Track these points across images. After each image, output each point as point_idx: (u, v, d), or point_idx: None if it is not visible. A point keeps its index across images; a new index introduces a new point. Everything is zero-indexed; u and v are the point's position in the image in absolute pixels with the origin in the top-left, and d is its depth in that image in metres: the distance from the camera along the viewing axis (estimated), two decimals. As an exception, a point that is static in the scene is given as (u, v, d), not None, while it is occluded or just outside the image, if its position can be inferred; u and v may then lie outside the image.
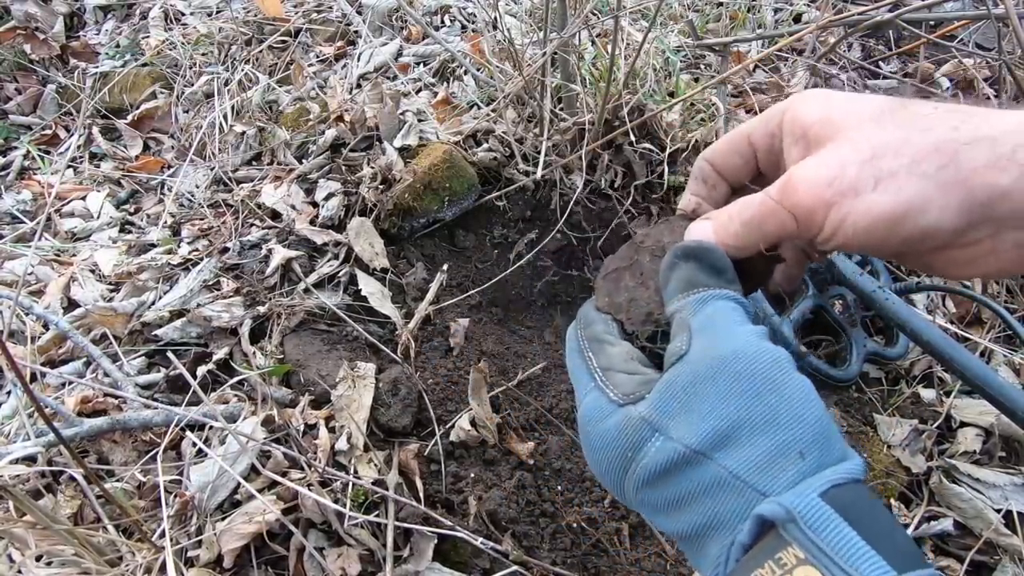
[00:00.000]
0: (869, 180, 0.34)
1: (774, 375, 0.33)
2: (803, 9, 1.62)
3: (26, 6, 1.83)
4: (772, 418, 0.32)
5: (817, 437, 0.32)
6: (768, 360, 0.34)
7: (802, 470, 0.31)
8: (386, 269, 1.10)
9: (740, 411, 0.33)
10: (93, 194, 1.45)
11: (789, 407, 0.32)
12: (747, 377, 0.33)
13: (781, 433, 0.32)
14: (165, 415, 0.89)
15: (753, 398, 0.33)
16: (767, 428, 0.32)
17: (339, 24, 1.70)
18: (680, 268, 0.40)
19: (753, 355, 0.34)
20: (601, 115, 1.11)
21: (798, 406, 0.32)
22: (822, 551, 0.28)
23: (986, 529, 0.85)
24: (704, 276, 0.39)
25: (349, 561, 0.77)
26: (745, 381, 0.33)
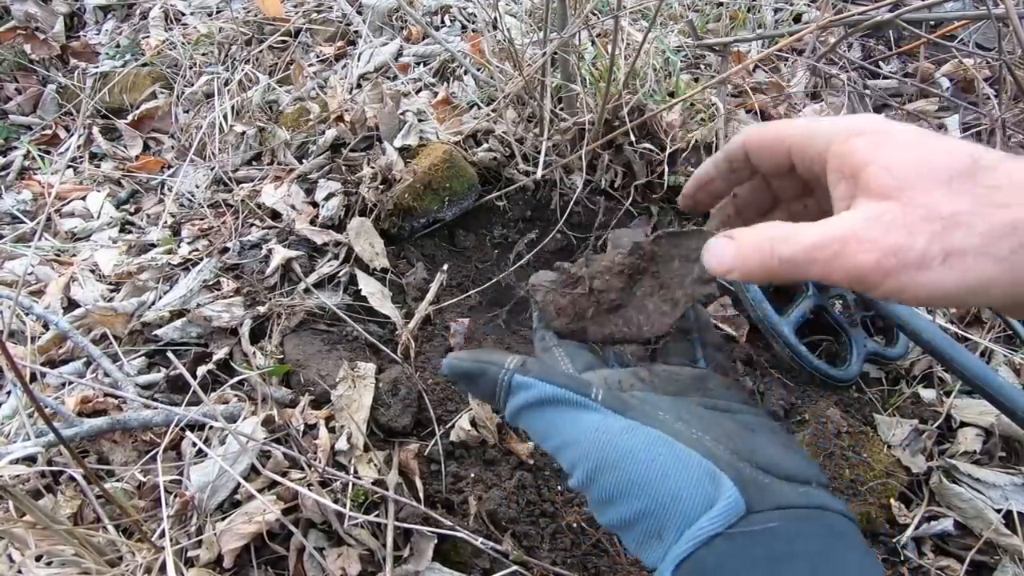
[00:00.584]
0: (938, 255, 0.32)
1: (625, 448, 0.35)
2: (803, 9, 1.62)
3: (26, 6, 1.83)
4: (640, 511, 0.34)
5: (664, 509, 0.33)
6: (612, 437, 0.36)
7: (661, 552, 0.33)
8: (386, 269, 1.10)
9: (622, 502, 0.35)
10: (93, 194, 1.45)
11: (641, 490, 0.34)
12: (606, 458, 0.36)
13: (645, 523, 0.34)
14: (165, 415, 0.89)
15: (624, 489, 0.35)
16: (633, 521, 0.34)
17: (339, 24, 1.70)
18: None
19: (596, 435, 0.36)
20: (601, 115, 1.11)
21: (645, 486, 0.34)
22: None
23: (986, 529, 0.85)
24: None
25: (349, 561, 0.77)
26: (606, 462, 0.36)
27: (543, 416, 0.38)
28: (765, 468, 0.36)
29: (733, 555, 0.31)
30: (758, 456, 0.37)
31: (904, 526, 0.87)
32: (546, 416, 0.38)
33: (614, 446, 0.35)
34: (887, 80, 1.49)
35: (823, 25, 1.15)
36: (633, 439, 0.36)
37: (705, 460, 0.34)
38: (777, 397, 0.97)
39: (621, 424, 0.36)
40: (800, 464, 0.38)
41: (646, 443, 0.35)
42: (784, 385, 1.00)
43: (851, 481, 0.88)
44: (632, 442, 0.35)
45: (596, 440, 0.36)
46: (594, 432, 0.36)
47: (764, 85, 1.43)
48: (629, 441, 0.35)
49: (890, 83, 1.48)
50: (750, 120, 1.33)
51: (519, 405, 0.39)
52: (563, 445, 0.38)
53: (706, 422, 0.39)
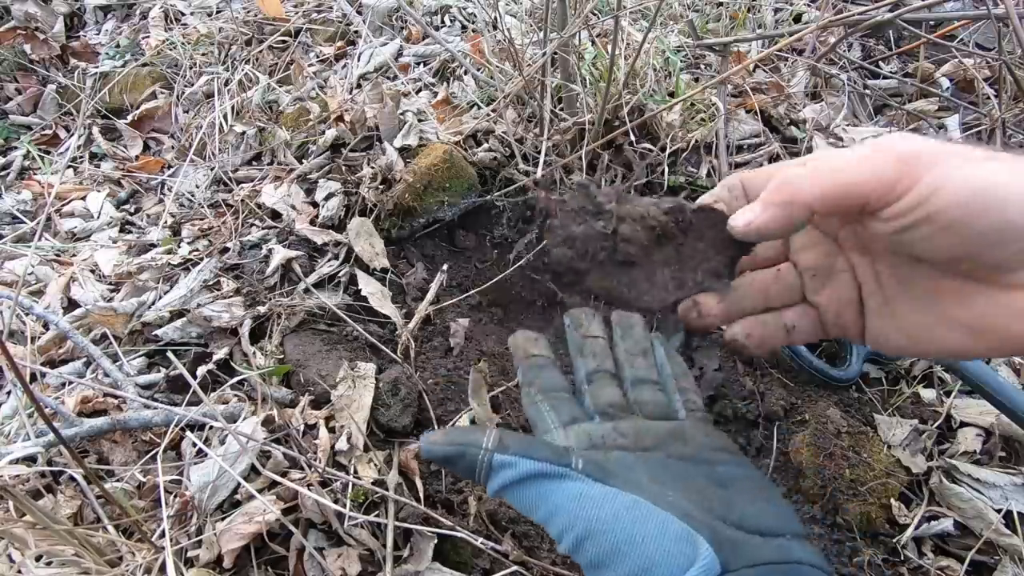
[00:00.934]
0: (972, 156, 0.33)
1: (605, 517, 0.37)
2: (803, 9, 1.62)
3: (26, 6, 1.83)
4: (621, 572, 0.35)
5: (646, 573, 0.35)
6: (595, 507, 0.37)
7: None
8: (386, 269, 1.10)
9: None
10: (93, 194, 1.45)
11: (625, 556, 0.35)
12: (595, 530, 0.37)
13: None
14: (165, 415, 0.89)
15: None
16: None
17: (339, 24, 1.70)
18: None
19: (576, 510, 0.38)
20: (601, 115, 1.11)
21: (628, 552, 0.35)
22: None
23: (986, 529, 0.85)
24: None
25: (349, 561, 0.77)
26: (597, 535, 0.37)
27: (527, 491, 0.39)
28: (739, 524, 0.38)
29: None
30: (733, 512, 0.39)
31: (904, 526, 0.87)
32: (530, 491, 0.39)
33: (596, 514, 0.37)
34: (887, 80, 1.49)
35: (823, 25, 1.15)
36: (613, 506, 0.37)
37: (681, 523, 0.36)
38: (777, 397, 0.97)
39: (602, 492, 0.38)
40: (776, 516, 0.40)
41: (627, 508, 0.37)
42: (784, 385, 1.00)
43: (851, 481, 0.88)
44: (613, 508, 0.37)
45: (579, 508, 0.38)
46: (577, 501, 0.38)
47: (764, 85, 1.43)
48: (610, 508, 0.37)
49: (890, 83, 1.48)
50: (750, 120, 1.33)
51: (502, 484, 0.40)
52: (549, 516, 0.39)
53: (682, 482, 0.41)
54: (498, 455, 0.40)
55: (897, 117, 1.40)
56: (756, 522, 0.39)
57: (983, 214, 0.32)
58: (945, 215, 0.32)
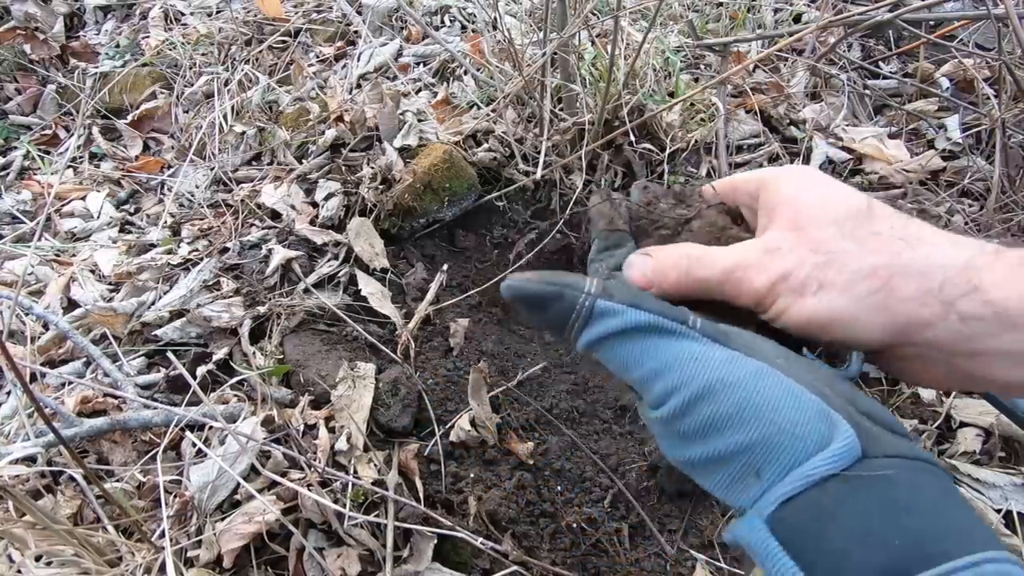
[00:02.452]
0: (813, 284, 0.36)
1: (745, 390, 0.33)
2: (803, 9, 1.62)
3: (26, 6, 1.83)
4: (742, 444, 0.32)
5: (770, 444, 0.31)
6: (741, 379, 0.34)
7: (761, 487, 0.31)
8: (386, 269, 1.10)
9: (718, 437, 0.33)
10: (93, 194, 1.45)
11: (759, 421, 0.32)
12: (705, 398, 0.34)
13: (745, 456, 0.32)
14: (165, 415, 0.89)
15: (722, 420, 0.33)
16: (729, 456, 0.32)
17: (339, 24, 1.70)
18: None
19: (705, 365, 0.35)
20: (601, 115, 1.11)
21: (752, 418, 0.32)
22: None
23: (986, 529, 0.85)
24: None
25: (349, 561, 0.77)
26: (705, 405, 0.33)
27: (631, 345, 0.35)
28: (871, 416, 0.34)
29: (850, 498, 0.29)
30: (863, 404, 0.35)
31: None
32: (635, 345, 0.35)
33: (718, 374, 0.33)
34: (887, 80, 1.49)
35: (823, 25, 1.15)
36: (739, 369, 0.33)
37: (817, 398, 0.32)
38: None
39: (724, 354, 0.34)
40: (894, 418, 0.36)
41: (754, 374, 0.33)
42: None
43: (851, 481, 0.88)
44: (738, 372, 0.33)
45: (698, 368, 0.33)
46: (695, 360, 0.33)
47: (764, 85, 1.43)
48: (735, 371, 0.33)
49: (890, 83, 1.48)
50: (750, 120, 1.34)
51: (600, 334, 0.35)
52: (655, 373, 0.34)
53: (809, 364, 0.37)
54: (602, 301, 0.35)
55: (897, 117, 1.40)
56: (887, 420, 0.35)
57: (822, 335, 0.37)
58: (795, 330, 0.38)
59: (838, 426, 0.31)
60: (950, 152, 1.35)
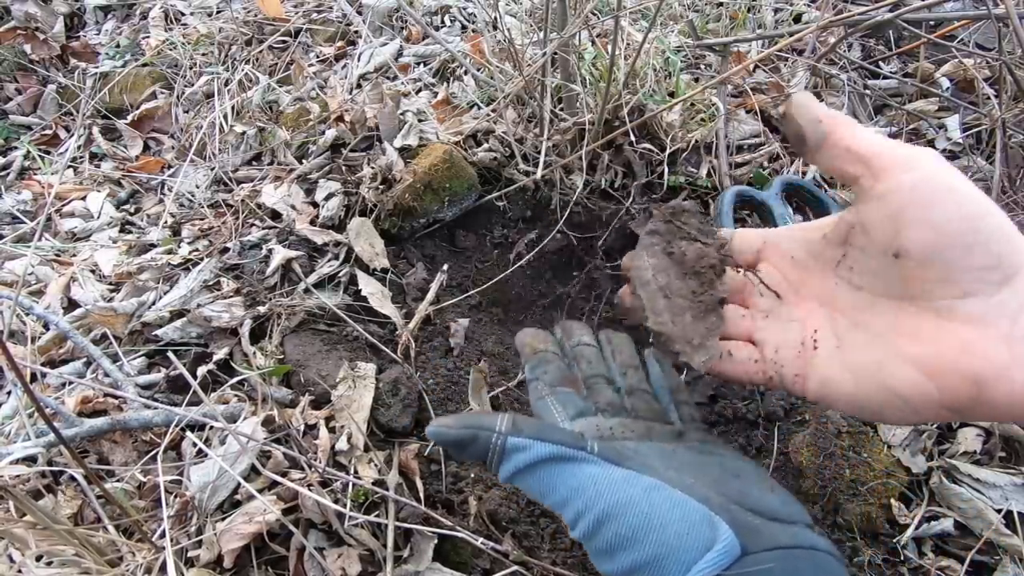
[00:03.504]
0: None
1: (628, 501, 0.36)
2: (803, 9, 1.62)
3: (26, 6, 1.83)
4: (643, 560, 0.35)
5: (661, 560, 0.34)
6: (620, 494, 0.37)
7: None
8: (386, 269, 1.10)
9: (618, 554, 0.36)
10: (93, 194, 1.45)
11: (643, 539, 0.35)
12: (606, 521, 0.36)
13: (644, 571, 0.35)
14: (165, 415, 0.89)
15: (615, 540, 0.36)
16: (635, 570, 0.35)
17: (339, 24, 1.70)
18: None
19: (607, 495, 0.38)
20: (601, 115, 1.11)
21: (647, 535, 0.35)
22: None
23: (986, 529, 0.85)
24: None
25: (349, 561, 0.77)
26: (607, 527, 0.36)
27: (542, 475, 0.39)
28: (755, 510, 0.37)
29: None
30: (747, 499, 0.38)
31: (904, 526, 0.87)
32: (545, 474, 0.39)
33: (615, 496, 0.36)
34: (887, 80, 1.49)
35: (823, 25, 1.15)
36: (632, 488, 0.36)
37: (700, 505, 0.36)
38: (777, 397, 0.97)
39: (620, 474, 0.38)
40: (786, 505, 0.40)
41: (645, 491, 0.36)
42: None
43: (851, 481, 0.88)
44: (632, 491, 0.36)
45: (597, 491, 0.37)
46: (594, 484, 0.37)
47: (764, 85, 1.43)
48: (629, 491, 0.36)
49: (890, 83, 1.48)
50: (750, 120, 1.33)
51: (516, 468, 0.39)
52: (564, 500, 0.38)
53: (696, 468, 0.40)
54: (512, 438, 0.39)
55: (897, 117, 1.40)
56: (770, 509, 0.38)
57: (962, 199, 0.33)
58: (932, 189, 0.34)
59: (719, 528, 0.34)
60: (950, 152, 1.35)
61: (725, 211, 1.10)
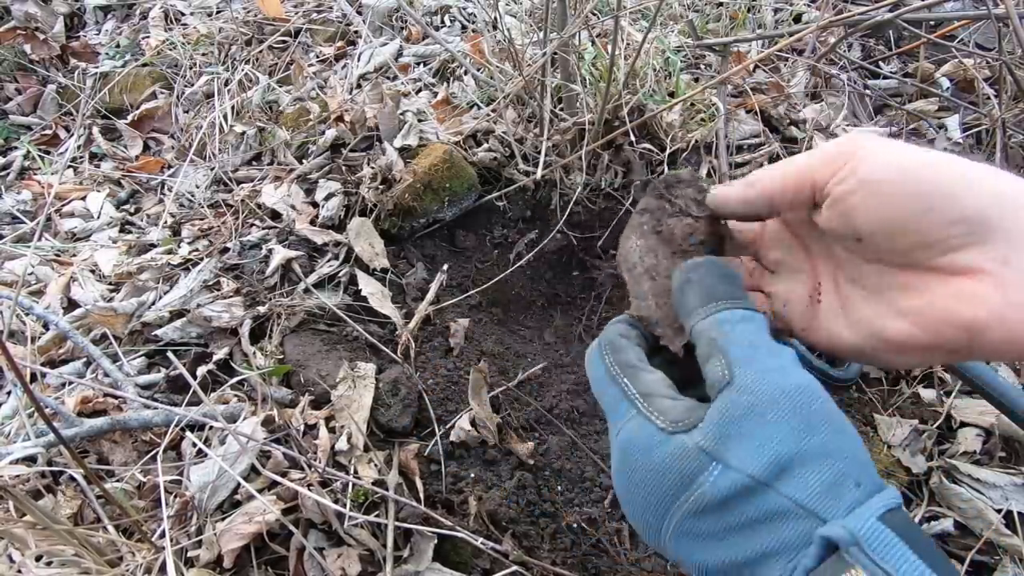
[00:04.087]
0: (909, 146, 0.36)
1: (825, 409, 0.35)
2: (803, 9, 1.62)
3: (26, 6, 1.83)
4: (829, 450, 0.34)
5: (866, 467, 0.34)
6: (817, 394, 0.35)
7: (858, 497, 0.32)
8: (386, 269, 1.10)
9: (799, 442, 0.34)
10: (93, 194, 1.45)
11: (842, 440, 0.34)
12: (802, 411, 0.35)
13: (839, 464, 0.33)
14: (165, 415, 0.89)
15: (810, 431, 0.34)
16: (825, 459, 0.33)
17: (339, 24, 1.70)
18: (694, 282, 0.41)
19: (805, 389, 0.35)
20: (601, 115, 1.11)
21: (850, 439, 0.34)
22: (886, 573, 0.29)
23: (986, 529, 0.85)
24: (721, 286, 0.40)
25: (349, 561, 0.77)
26: (801, 415, 0.34)
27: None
28: None
29: (916, 528, 0.32)
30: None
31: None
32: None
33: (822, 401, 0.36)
34: (887, 80, 1.49)
35: (823, 25, 1.15)
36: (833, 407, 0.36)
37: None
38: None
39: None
40: None
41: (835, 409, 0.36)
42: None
43: (851, 481, 0.88)
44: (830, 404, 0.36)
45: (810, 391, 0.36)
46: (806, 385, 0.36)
47: (764, 85, 1.43)
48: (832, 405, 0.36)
49: (890, 83, 1.48)
50: (750, 120, 1.33)
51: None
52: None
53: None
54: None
55: (897, 117, 1.40)
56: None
57: (905, 177, 0.34)
58: (873, 179, 0.35)
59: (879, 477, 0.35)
60: (951, 152, 1.34)
61: None
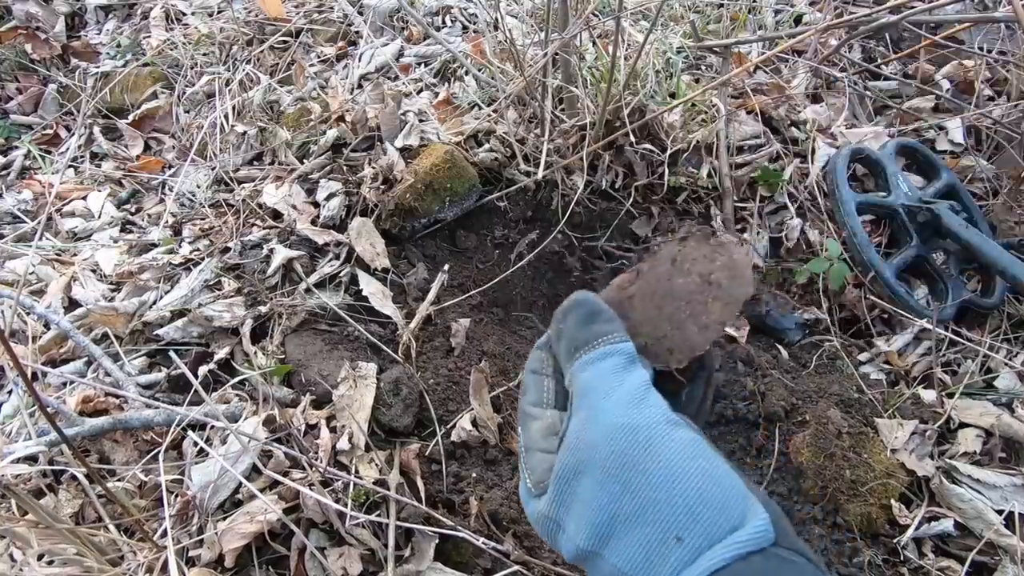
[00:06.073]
0: None
1: (637, 457, 0.32)
2: (804, 11, 1.62)
3: (27, 6, 1.83)
4: (647, 505, 0.31)
5: (692, 514, 0.30)
6: (630, 441, 0.33)
7: (682, 557, 0.30)
8: (387, 269, 1.10)
9: (616, 504, 0.32)
10: (94, 194, 1.45)
11: (658, 490, 0.31)
12: (622, 464, 0.32)
13: (658, 517, 0.31)
14: (166, 415, 0.89)
15: (623, 486, 0.32)
16: (643, 515, 0.31)
17: (340, 24, 1.70)
18: (563, 333, 0.39)
19: (630, 431, 0.33)
20: (602, 116, 1.11)
21: (667, 485, 0.31)
22: None
23: (987, 530, 0.85)
24: (582, 333, 0.38)
25: (350, 561, 0.77)
26: (618, 470, 0.32)
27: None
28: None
29: (771, 574, 0.29)
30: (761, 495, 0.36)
31: (904, 526, 0.87)
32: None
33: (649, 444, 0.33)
34: (888, 81, 1.49)
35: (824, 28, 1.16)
36: (675, 440, 0.33)
37: (738, 480, 0.33)
38: (778, 398, 0.97)
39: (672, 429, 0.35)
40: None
41: (688, 444, 0.33)
42: (784, 386, 1.00)
43: (851, 482, 0.88)
44: (673, 444, 0.33)
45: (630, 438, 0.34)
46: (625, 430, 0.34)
47: (765, 86, 1.43)
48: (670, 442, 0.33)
49: (890, 84, 1.49)
50: (751, 121, 1.34)
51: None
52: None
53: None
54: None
55: (897, 117, 1.41)
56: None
57: None
58: None
59: (755, 507, 0.31)
60: (951, 152, 1.35)
61: (840, 169, 1.17)
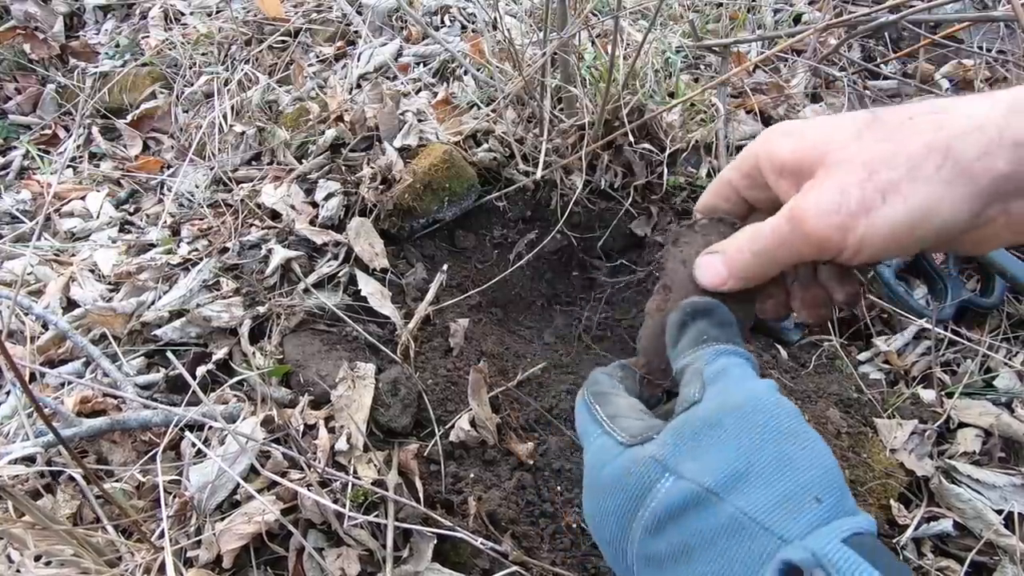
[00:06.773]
0: (875, 196, 0.34)
1: (791, 424, 0.34)
2: (803, 10, 1.62)
3: (26, 6, 1.83)
4: (788, 462, 0.32)
5: (833, 484, 0.31)
6: (786, 411, 0.34)
7: (820, 515, 0.30)
8: (386, 269, 1.10)
9: (756, 453, 0.32)
10: (92, 194, 1.44)
11: (805, 452, 0.32)
12: (763, 424, 0.33)
13: (798, 475, 0.31)
14: (164, 415, 0.89)
15: (769, 443, 0.33)
16: (783, 470, 0.32)
17: (339, 24, 1.70)
18: (690, 326, 0.41)
19: (770, 404, 0.34)
20: (601, 116, 1.11)
21: (814, 452, 0.32)
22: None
23: (986, 530, 0.85)
24: (714, 331, 0.40)
25: (348, 561, 0.77)
26: (762, 427, 0.33)
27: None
28: None
29: (884, 553, 0.29)
30: None
31: (904, 527, 0.87)
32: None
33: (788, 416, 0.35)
34: (887, 81, 1.49)
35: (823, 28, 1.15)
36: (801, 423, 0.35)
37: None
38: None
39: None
40: None
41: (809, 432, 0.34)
42: (783, 386, 1.00)
43: (851, 482, 0.88)
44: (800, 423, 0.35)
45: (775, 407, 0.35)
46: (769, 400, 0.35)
47: (764, 86, 1.43)
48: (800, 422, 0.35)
49: (890, 84, 1.48)
50: (750, 120, 1.33)
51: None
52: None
53: None
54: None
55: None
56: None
57: (911, 241, 0.35)
58: (883, 253, 0.36)
59: (856, 505, 0.33)
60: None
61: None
